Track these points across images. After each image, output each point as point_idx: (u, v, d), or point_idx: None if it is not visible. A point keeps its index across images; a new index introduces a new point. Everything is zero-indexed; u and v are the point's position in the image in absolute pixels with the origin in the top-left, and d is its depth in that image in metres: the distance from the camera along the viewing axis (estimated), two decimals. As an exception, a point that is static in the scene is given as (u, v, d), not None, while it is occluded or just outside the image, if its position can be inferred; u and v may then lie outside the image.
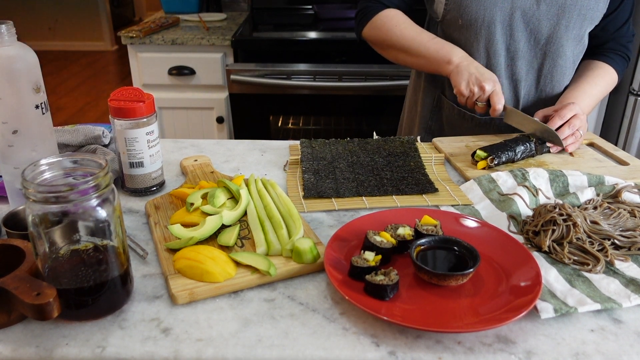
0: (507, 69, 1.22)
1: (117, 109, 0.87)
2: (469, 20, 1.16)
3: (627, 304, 0.67)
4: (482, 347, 0.61)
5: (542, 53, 1.19)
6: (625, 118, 2.23)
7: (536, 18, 1.15)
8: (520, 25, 1.16)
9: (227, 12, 2.84)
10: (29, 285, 0.59)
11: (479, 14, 1.15)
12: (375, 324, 0.64)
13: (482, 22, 1.15)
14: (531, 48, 1.19)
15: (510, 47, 1.19)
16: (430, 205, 0.90)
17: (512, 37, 1.17)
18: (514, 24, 1.15)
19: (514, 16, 1.15)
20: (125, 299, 0.67)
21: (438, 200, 0.92)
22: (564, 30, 1.16)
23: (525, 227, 0.82)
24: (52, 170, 0.63)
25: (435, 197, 0.93)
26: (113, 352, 0.60)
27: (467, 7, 1.15)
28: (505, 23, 1.15)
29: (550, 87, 1.24)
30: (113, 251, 0.64)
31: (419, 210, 0.84)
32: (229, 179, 0.96)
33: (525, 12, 1.14)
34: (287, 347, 0.61)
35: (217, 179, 0.95)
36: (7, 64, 0.76)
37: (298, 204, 0.90)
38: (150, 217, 0.85)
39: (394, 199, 0.92)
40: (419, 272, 0.69)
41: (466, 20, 1.16)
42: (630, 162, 1.07)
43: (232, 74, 2.30)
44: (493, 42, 1.18)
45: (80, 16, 6.08)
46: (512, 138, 1.08)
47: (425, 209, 0.85)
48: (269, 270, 0.70)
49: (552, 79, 1.23)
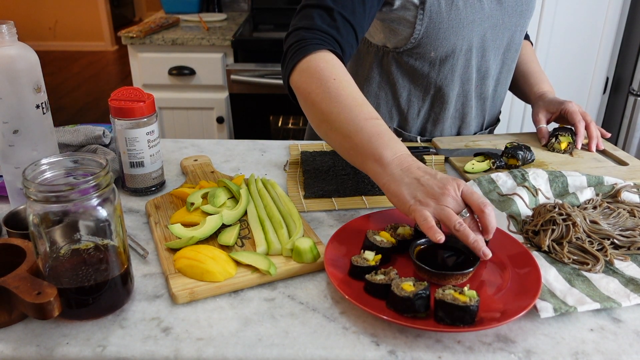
0: (476, 90, 1.17)
1: (118, 108, 0.87)
2: (445, 52, 1.06)
3: (626, 303, 0.67)
4: (482, 346, 0.61)
5: (501, 63, 1.17)
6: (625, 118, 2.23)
7: (500, 31, 1.10)
8: (491, 43, 1.11)
9: (227, 12, 2.85)
10: (30, 284, 0.59)
11: (457, 44, 1.06)
12: (375, 323, 0.64)
13: (459, 52, 1.07)
14: (497, 63, 1.16)
15: (481, 68, 1.14)
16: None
17: (484, 57, 1.12)
18: (486, 44, 1.10)
19: (486, 36, 1.09)
20: (125, 298, 0.67)
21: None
22: (519, 34, 1.15)
23: (525, 227, 0.82)
24: (53, 170, 0.63)
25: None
26: (114, 351, 0.60)
27: (443, 40, 1.04)
28: (479, 46, 1.10)
29: (503, 92, 1.24)
30: (113, 250, 0.64)
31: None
32: (229, 178, 0.96)
33: (494, 29, 1.09)
34: (287, 346, 0.61)
35: (217, 179, 0.95)
36: (8, 64, 0.76)
37: (298, 204, 0.90)
38: (151, 217, 0.85)
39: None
40: (419, 271, 0.69)
41: (441, 53, 1.06)
42: (629, 162, 1.07)
43: (232, 74, 2.30)
44: (468, 68, 1.11)
45: (80, 16, 6.08)
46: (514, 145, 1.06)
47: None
48: (269, 269, 0.70)
49: (506, 84, 1.23)
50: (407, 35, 1.06)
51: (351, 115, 0.80)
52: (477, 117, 1.23)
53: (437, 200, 0.71)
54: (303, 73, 0.87)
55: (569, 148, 1.11)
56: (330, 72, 0.84)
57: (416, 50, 1.08)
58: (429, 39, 1.04)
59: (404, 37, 1.07)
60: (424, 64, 1.10)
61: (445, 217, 0.70)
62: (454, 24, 1.03)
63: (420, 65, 1.10)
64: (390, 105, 1.18)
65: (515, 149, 1.03)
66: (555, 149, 1.12)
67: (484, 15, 1.06)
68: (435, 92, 1.14)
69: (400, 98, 1.16)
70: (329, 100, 0.82)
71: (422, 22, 1.03)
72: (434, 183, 0.73)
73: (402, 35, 1.07)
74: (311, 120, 0.88)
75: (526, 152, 1.04)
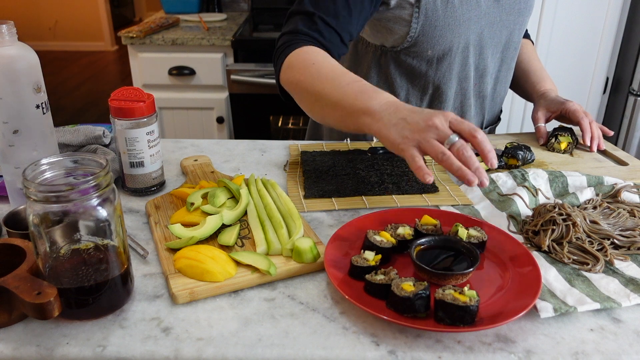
0: (475, 88, 1.17)
1: (118, 108, 0.87)
2: (443, 50, 1.06)
3: (626, 303, 0.67)
4: (482, 346, 0.61)
5: (500, 61, 1.16)
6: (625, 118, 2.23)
7: (498, 29, 1.10)
8: (488, 41, 1.11)
9: (227, 12, 2.85)
10: (30, 284, 0.59)
11: (453, 42, 1.05)
12: (375, 323, 0.64)
13: (456, 49, 1.07)
14: (496, 61, 1.15)
15: (479, 66, 1.13)
16: (430, 205, 0.91)
17: (482, 55, 1.12)
18: (484, 42, 1.10)
19: (484, 34, 1.09)
20: (125, 299, 0.67)
21: (438, 200, 0.92)
22: (518, 33, 1.15)
23: (525, 227, 0.82)
24: (53, 170, 0.63)
25: (435, 197, 0.93)
26: (114, 352, 0.60)
27: (440, 38, 1.04)
28: (476, 43, 1.09)
29: (504, 91, 1.24)
30: (113, 251, 0.64)
31: (419, 210, 0.85)
32: (229, 178, 0.96)
33: (492, 26, 1.09)
34: (287, 346, 0.61)
35: (217, 179, 0.95)
36: (8, 64, 0.76)
37: (298, 204, 0.90)
38: (151, 217, 0.85)
39: (394, 198, 0.93)
40: (419, 271, 0.69)
41: (438, 51, 1.06)
42: (629, 162, 1.07)
43: (232, 74, 2.30)
44: (466, 66, 1.11)
45: (80, 16, 6.09)
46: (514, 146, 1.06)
47: (425, 209, 0.85)
48: (269, 269, 0.70)
49: (507, 83, 1.22)
50: (404, 34, 1.06)
51: (334, 84, 0.86)
52: (477, 116, 1.23)
53: (423, 133, 0.73)
54: (288, 69, 0.94)
55: (568, 148, 1.11)
56: (310, 60, 0.92)
57: (413, 48, 1.08)
58: (425, 37, 1.05)
59: (400, 36, 1.07)
60: (421, 63, 1.10)
61: (429, 148, 0.72)
62: (450, 21, 1.04)
63: (418, 64, 1.10)
64: None
65: (515, 149, 1.03)
66: (555, 149, 1.12)
67: (481, 13, 1.06)
68: (434, 91, 1.14)
69: (399, 97, 1.16)
70: (312, 81, 0.89)
71: (418, 21, 1.03)
72: (420, 118, 0.75)
73: (399, 34, 1.07)
74: (306, 108, 0.93)
75: (526, 152, 1.04)
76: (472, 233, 0.76)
